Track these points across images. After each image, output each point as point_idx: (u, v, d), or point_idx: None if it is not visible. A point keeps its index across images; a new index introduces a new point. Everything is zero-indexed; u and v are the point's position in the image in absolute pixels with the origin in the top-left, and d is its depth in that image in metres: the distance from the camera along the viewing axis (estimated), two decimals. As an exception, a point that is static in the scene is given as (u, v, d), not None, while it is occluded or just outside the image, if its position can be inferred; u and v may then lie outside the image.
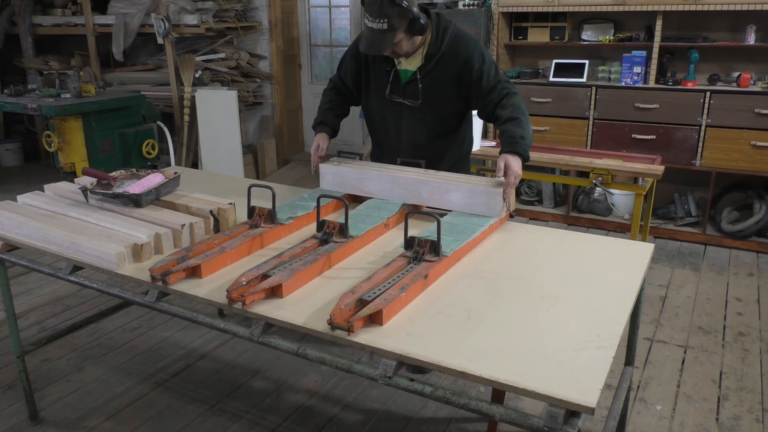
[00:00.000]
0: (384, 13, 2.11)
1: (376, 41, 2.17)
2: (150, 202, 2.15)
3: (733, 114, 4.16)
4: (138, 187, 2.17)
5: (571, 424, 1.21)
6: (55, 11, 6.28)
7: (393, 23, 2.13)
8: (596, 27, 4.78)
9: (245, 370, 2.92)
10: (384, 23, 2.12)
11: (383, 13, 2.11)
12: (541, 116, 4.77)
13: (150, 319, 3.40)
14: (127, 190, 2.15)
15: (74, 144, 4.62)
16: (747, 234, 4.33)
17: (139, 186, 2.18)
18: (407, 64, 2.35)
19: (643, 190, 3.26)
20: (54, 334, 2.62)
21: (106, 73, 6.19)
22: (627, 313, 1.55)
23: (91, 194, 2.18)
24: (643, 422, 2.53)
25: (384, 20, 2.11)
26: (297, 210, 2.15)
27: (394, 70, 2.37)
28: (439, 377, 2.73)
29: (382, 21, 2.12)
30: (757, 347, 3.09)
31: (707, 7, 4.13)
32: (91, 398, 2.71)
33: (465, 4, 4.97)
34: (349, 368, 1.46)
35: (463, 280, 1.72)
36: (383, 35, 2.15)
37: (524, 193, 5.13)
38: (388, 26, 2.13)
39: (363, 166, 2.36)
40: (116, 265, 1.81)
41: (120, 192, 2.14)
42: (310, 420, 2.56)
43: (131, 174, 2.35)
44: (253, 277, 1.63)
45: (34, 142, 6.71)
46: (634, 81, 4.46)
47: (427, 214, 1.87)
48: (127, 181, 2.27)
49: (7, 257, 2.18)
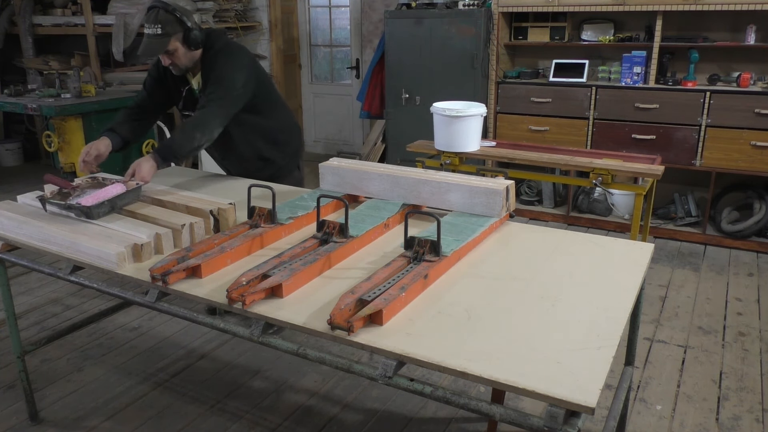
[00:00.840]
0: (158, 19, 2.43)
1: (150, 45, 2.47)
2: (103, 215, 2.08)
3: (733, 114, 4.16)
4: (92, 198, 2.10)
5: (571, 424, 1.21)
6: (55, 11, 6.27)
7: (167, 30, 2.44)
8: (596, 27, 4.78)
9: (245, 370, 2.92)
10: (158, 28, 2.43)
11: (158, 19, 2.43)
12: (541, 116, 4.78)
13: (150, 319, 3.40)
14: (79, 202, 2.08)
15: (74, 144, 4.62)
16: (747, 234, 4.33)
17: (93, 197, 2.11)
18: (195, 83, 2.67)
19: (643, 190, 3.26)
20: (54, 334, 2.62)
21: (106, 73, 6.19)
22: (627, 313, 1.55)
23: (48, 204, 2.13)
24: (643, 422, 2.53)
25: (158, 26, 2.43)
26: (297, 210, 2.15)
27: (188, 88, 2.68)
28: (439, 377, 2.73)
29: (157, 26, 2.43)
30: (757, 347, 3.09)
31: (707, 7, 4.13)
32: (91, 398, 2.71)
33: (465, 4, 4.97)
34: (349, 368, 1.46)
35: (463, 280, 1.72)
36: (158, 40, 2.45)
37: (524, 193, 5.13)
38: (162, 32, 2.44)
39: (363, 166, 2.36)
40: (116, 265, 1.81)
41: (72, 203, 2.08)
42: (310, 420, 2.56)
43: (96, 183, 2.30)
44: (253, 277, 1.63)
45: (34, 142, 6.70)
46: (634, 81, 4.46)
47: (427, 214, 1.87)
48: (89, 190, 2.21)
49: (7, 257, 2.18)
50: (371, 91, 5.73)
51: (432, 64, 5.09)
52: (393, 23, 5.19)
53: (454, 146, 3.71)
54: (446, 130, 3.70)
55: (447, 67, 5.05)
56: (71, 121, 4.56)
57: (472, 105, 3.69)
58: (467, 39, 4.89)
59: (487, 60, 4.91)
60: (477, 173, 3.09)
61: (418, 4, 5.17)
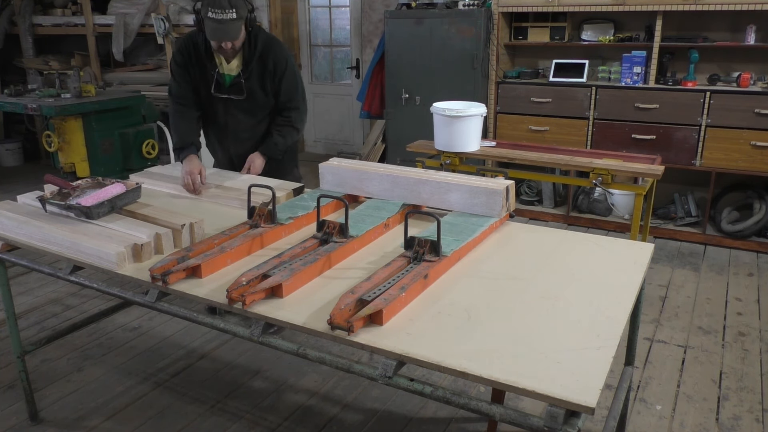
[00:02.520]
0: (232, 4, 2.44)
1: (225, 29, 2.48)
2: (103, 215, 2.08)
3: (733, 114, 4.16)
4: (92, 198, 2.10)
5: (571, 424, 1.21)
6: (55, 11, 6.28)
7: (240, 13, 2.48)
8: (596, 27, 4.78)
9: (245, 370, 2.92)
10: (233, 12, 2.45)
11: (231, 4, 2.44)
12: (541, 116, 4.78)
13: (150, 319, 3.40)
14: (79, 202, 2.08)
15: (74, 144, 4.62)
16: (747, 234, 4.33)
17: (93, 197, 2.11)
18: (227, 69, 2.72)
19: (643, 190, 3.26)
20: (54, 334, 2.62)
21: (106, 73, 6.19)
22: (627, 313, 1.55)
23: (48, 204, 2.13)
24: (643, 422, 2.53)
25: (233, 10, 2.45)
26: (297, 210, 2.15)
27: (217, 72, 2.73)
28: (439, 377, 2.73)
29: (231, 11, 2.45)
30: (757, 347, 3.09)
31: (707, 7, 4.13)
32: (91, 398, 2.71)
33: (465, 4, 4.97)
34: (349, 368, 1.46)
35: (463, 280, 1.72)
36: (233, 24, 2.48)
37: (524, 193, 5.13)
38: (237, 15, 2.47)
39: (363, 166, 2.36)
40: (116, 265, 1.81)
41: (72, 203, 2.09)
42: (310, 420, 2.56)
43: (96, 183, 2.30)
44: (253, 277, 1.63)
45: (34, 142, 6.71)
46: (634, 81, 4.46)
47: (427, 214, 1.87)
48: (89, 191, 2.21)
49: (7, 257, 2.18)
50: (371, 91, 5.73)
51: (432, 64, 5.09)
52: (393, 23, 5.19)
53: (454, 146, 3.71)
54: (446, 130, 3.70)
55: (447, 67, 5.04)
56: (71, 121, 4.55)
57: (472, 105, 3.69)
58: (467, 39, 4.89)
59: (487, 60, 4.91)
60: (477, 173, 3.09)
61: (418, 4, 5.17)
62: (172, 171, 2.81)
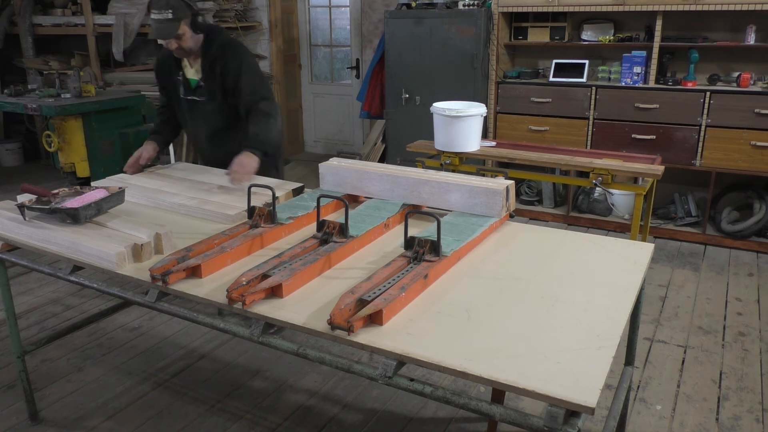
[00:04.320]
0: (169, 4, 2.56)
1: (162, 29, 2.58)
2: (90, 218, 2.06)
3: (733, 114, 4.16)
4: (77, 201, 2.07)
5: (571, 424, 1.21)
6: (55, 11, 6.27)
7: (177, 14, 2.57)
8: (596, 27, 4.78)
9: (245, 370, 2.92)
10: (169, 13, 2.56)
11: (168, 4, 2.56)
12: (541, 116, 4.78)
13: (150, 319, 3.40)
14: (65, 205, 2.05)
15: (74, 144, 4.62)
16: (747, 234, 4.33)
17: (78, 200, 2.08)
18: (190, 73, 2.83)
19: (643, 190, 3.26)
20: (54, 334, 2.62)
21: (106, 73, 6.19)
22: (627, 313, 1.55)
23: (29, 211, 2.09)
24: (643, 422, 2.53)
25: (169, 11, 2.56)
26: (297, 210, 2.15)
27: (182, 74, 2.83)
28: (439, 377, 2.73)
29: (167, 11, 2.56)
30: (757, 347, 3.09)
31: (707, 7, 4.13)
32: (91, 398, 2.71)
33: (465, 4, 4.97)
34: (349, 368, 1.46)
35: (463, 280, 1.72)
36: (169, 24, 2.57)
37: (524, 193, 5.13)
38: (173, 16, 2.57)
39: (363, 166, 2.36)
40: (116, 265, 1.81)
41: (57, 207, 2.04)
42: (310, 420, 2.56)
43: (74, 191, 2.25)
44: (253, 277, 1.63)
45: (34, 142, 6.70)
46: (634, 81, 4.46)
47: (427, 214, 1.87)
48: (69, 198, 2.16)
49: (7, 257, 2.18)
50: (371, 91, 5.73)
51: (432, 64, 5.09)
52: (393, 23, 5.19)
53: (454, 146, 3.71)
54: (446, 130, 3.70)
55: (447, 67, 5.04)
56: (71, 121, 4.55)
57: (472, 105, 3.69)
58: (467, 39, 4.89)
59: (487, 60, 4.91)
60: (477, 173, 3.09)
61: (418, 4, 5.17)
62: (172, 171, 2.81)
